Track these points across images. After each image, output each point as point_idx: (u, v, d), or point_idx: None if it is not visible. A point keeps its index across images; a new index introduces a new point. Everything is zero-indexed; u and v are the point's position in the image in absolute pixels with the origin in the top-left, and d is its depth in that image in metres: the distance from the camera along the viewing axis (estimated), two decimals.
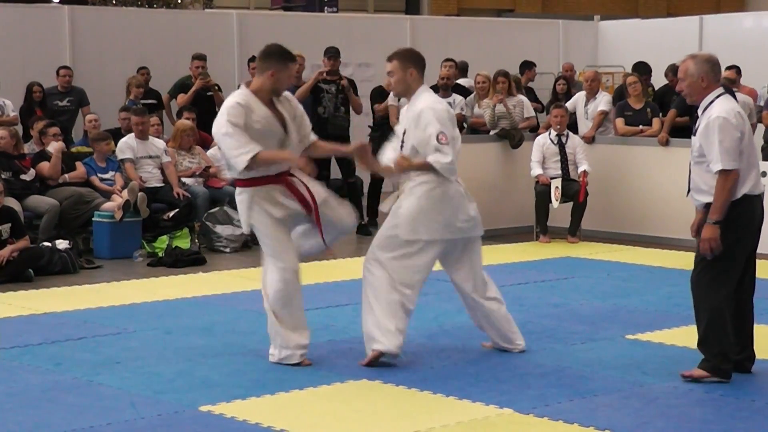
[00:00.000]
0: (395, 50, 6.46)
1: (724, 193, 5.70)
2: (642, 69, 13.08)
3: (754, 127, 12.62)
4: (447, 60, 13.02)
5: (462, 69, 14.14)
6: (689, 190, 5.99)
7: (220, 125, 6.20)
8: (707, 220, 5.74)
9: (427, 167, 6.23)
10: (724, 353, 5.81)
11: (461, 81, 13.42)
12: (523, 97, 12.71)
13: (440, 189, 6.28)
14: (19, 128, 12.10)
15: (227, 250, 10.78)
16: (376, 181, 12.42)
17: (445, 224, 6.30)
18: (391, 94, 12.22)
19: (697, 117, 5.91)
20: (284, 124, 6.29)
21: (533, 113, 12.58)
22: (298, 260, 6.38)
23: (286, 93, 6.45)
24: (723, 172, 5.68)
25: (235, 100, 6.23)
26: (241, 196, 6.36)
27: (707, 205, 5.78)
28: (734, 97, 6.08)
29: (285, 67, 6.30)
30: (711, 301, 5.81)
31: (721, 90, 5.87)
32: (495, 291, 6.65)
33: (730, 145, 5.68)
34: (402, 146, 6.36)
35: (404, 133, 6.37)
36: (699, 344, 5.89)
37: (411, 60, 6.37)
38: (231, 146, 6.14)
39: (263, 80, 6.28)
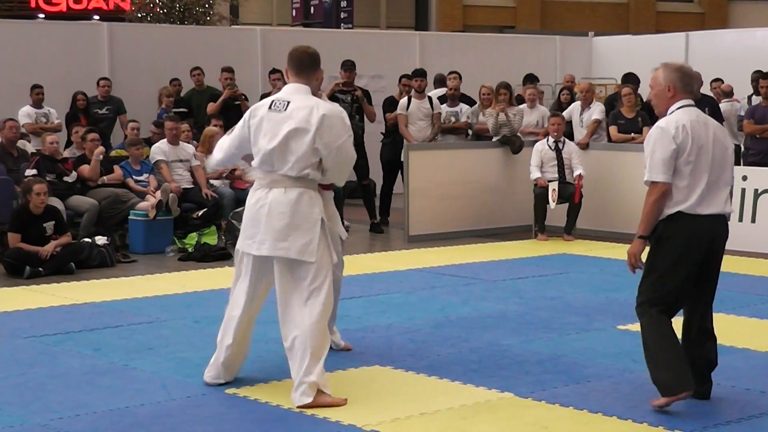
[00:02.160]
0: None
1: (647, 206, 5.00)
2: (631, 79, 13.03)
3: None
4: (452, 72, 13.00)
5: (438, 80, 14.05)
6: None
7: None
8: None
9: None
10: (654, 371, 5.07)
11: (438, 91, 13.32)
12: (544, 108, 12.70)
13: (253, 196, 5.43)
14: (64, 134, 12.16)
15: None
16: (389, 183, 12.43)
17: (244, 234, 5.43)
18: (401, 103, 12.23)
19: None
20: None
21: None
22: None
23: None
24: (650, 184, 5.00)
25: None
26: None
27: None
28: (717, 108, 5.53)
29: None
30: (645, 326, 5.09)
31: (686, 102, 5.09)
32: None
33: (661, 156, 4.96)
34: None
35: None
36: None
37: (288, 61, 5.53)
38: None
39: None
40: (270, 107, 5.38)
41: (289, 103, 5.34)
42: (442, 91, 13.03)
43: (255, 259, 5.42)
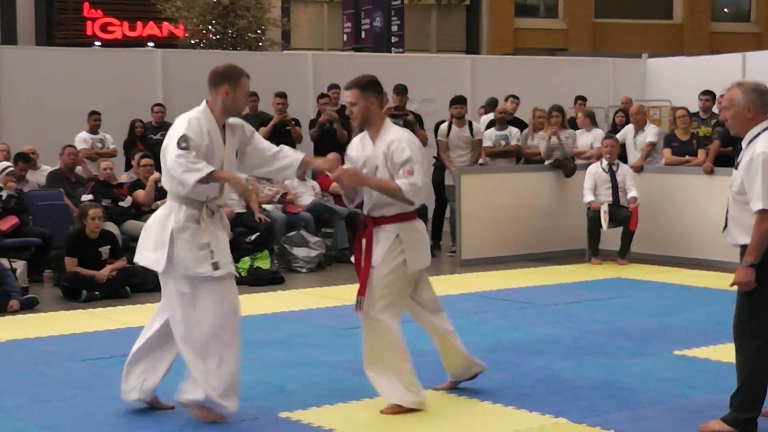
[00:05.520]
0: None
1: (760, 234, 4.89)
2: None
3: None
4: (509, 96, 12.96)
5: (490, 104, 14.01)
6: (725, 226, 5.18)
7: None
8: (742, 262, 4.96)
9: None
10: (749, 407, 5.06)
11: (490, 115, 13.29)
12: (599, 130, 12.64)
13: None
14: (122, 159, 12.35)
15: (303, 270, 10.85)
16: (440, 207, 12.43)
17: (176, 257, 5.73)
18: (441, 128, 12.20)
19: (740, 149, 5.16)
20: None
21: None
22: None
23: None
24: (762, 212, 4.87)
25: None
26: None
27: (744, 246, 4.99)
28: None
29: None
30: (749, 352, 5.04)
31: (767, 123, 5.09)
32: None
33: None
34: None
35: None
36: (733, 394, 5.13)
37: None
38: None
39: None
40: None
41: None
42: (491, 116, 13.02)
43: None
